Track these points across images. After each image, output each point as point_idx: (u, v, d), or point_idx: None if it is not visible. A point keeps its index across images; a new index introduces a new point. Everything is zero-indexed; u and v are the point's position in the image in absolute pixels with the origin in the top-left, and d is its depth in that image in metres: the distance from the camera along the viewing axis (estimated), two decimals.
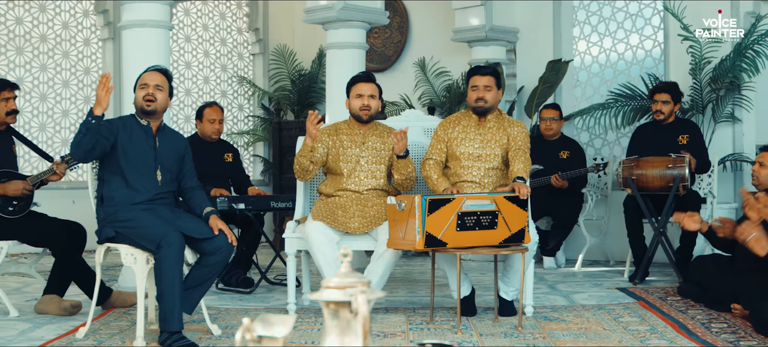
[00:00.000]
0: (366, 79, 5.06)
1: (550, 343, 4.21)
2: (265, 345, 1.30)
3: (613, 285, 6.15)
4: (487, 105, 4.99)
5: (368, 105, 5.01)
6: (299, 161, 4.91)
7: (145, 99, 4.40)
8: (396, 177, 5.01)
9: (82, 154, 4.17)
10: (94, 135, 4.14)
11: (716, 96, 6.91)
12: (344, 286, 1.37)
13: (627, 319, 4.82)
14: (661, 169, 6.13)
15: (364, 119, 5.04)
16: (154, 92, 4.41)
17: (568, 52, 8.04)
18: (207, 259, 4.33)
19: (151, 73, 4.50)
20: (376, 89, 5.06)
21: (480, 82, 5.00)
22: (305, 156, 4.87)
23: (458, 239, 4.49)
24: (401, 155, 4.90)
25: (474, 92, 5.02)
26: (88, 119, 4.13)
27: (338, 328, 1.34)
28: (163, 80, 4.48)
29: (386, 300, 5.58)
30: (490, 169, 4.99)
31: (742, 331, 4.43)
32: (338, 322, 1.35)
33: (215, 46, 9.63)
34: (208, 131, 6.34)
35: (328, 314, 1.39)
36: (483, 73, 5.03)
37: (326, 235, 4.85)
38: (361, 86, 5.03)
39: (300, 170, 4.95)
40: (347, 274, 1.40)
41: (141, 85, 4.44)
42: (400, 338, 4.36)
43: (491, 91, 5.00)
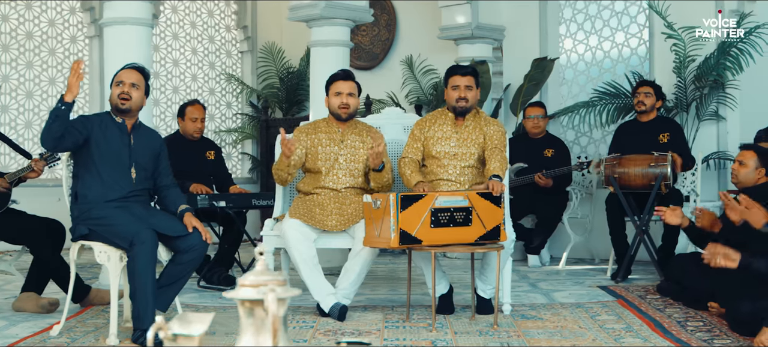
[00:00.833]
0: (345, 78, 5.05)
1: (523, 341, 4.20)
2: (180, 344, 1.29)
3: (594, 283, 6.15)
4: (468, 105, 4.99)
5: (347, 103, 5.00)
6: (277, 173, 4.94)
7: (119, 97, 4.39)
8: (372, 185, 5.01)
9: (51, 142, 4.16)
10: (64, 122, 4.13)
11: (700, 94, 6.91)
12: (258, 284, 1.36)
13: (604, 317, 4.81)
14: (643, 167, 6.13)
15: (343, 117, 5.03)
16: (130, 90, 4.40)
17: (554, 50, 8.04)
18: (181, 257, 4.33)
19: (128, 71, 4.49)
20: (355, 87, 5.05)
21: (461, 82, 4.99)
22: (282, 169, 4.89)
23: (433, 236, 4.49)
24: (377, 169, 4.91)
25: (455, 91, 5.01)
26: (58, 105, 4.13)
27: (253, 326, 1.34)
28: (139, 79, 4.47)
29: (366, 297, 5.58)
30: (466, 167, 4.98)
31: (718, 330, 4.43)
32: (253, 320, 1.34)
33: (203, 44, 9.62)
34: (190, 129, 6.34)
35: (244, 312, 1.39)
36: (464, 73, 5.02)
37: (303, 233, 4.85)
38: (339, 84, 5.02)
39: (280, 181, 4.99)
40: (262, 272, 1.40)
41: (117, 83, 4.44)
42: (375, 336, 4.35)
43: (472, 90, 5.00)
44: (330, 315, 4.79)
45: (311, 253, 4.85)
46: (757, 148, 4.97)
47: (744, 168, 4.92)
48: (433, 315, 4.57)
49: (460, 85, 4.98)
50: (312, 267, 4.85)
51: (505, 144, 5.03)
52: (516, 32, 8.21)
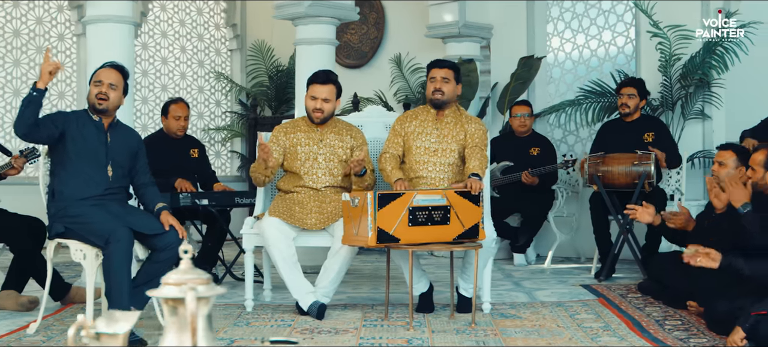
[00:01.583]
0: (324, 82, 4.99)
1: (500, 340, 4.20)
2: (103, 344, 1.29)
3: (578, 281, 6.14)
4: (443, 97, 4.99)
5: (321, 109, 4.98)
6: (254, 176, 4.94)
7: (97, 97, 4.38)
8: (354, 188, 5.01)
9: (24, 128, 4.16)
10: (36, 108, 4.14)
11: (686, 93, 6.90)
12: (180, 283, 1.36)
13: (583, 316, 4.81)
14: (626, 166, 6.13)
15: (316, 122, 5.02)
16: (107, 90, 4.38)
17: (541, 49, 8.03)
18: (158, 255, 4.32)
19: (107, 70, 4.47)
20: (333, 92, 5.01)
21: (438, 74, 5.00)
22: (260, 172, 4.89)
23: (410, 234, 4.48)
24: (358, 174, 4.91)
25: (432, 83, 5.02)
26: (30, 91, 4.15)
27: (177, 325, 1.33)
28: (118, 79, 4.45)
29: (348, 296, 5.57)
30: (446, 164, 4.98)
31: (695, 329, 4.43)
32: (177, 319, 1.33)
33: (192, 42, 9.61)
34: (173, 127, 6.33)
35: (168, 311, 1.38)
36: (441, 66, 5.03)
37: (282, 231, 4.84)
38: (316, 88, 5.00)
39: (256, 181, 5.00)
40: (186, 271, 1.39)
41: (95, 82, 4.43)
42: (352, 334, 4.35)
43: (449, 83, 5.00)
44: (309, 313, 4.79)
45: (290, 251, 4.85)
46: (736, 147, 4.97)
47: (724, 168, 4.92)
48: (410, 314, 4.57)
49: (436, 77, 4.99)
50: (291, 266, 4.84)
51: (486, 143, 5.02)
52: (503, 31, 8.20)
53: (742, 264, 4.14)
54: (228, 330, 4.45)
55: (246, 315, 4.90)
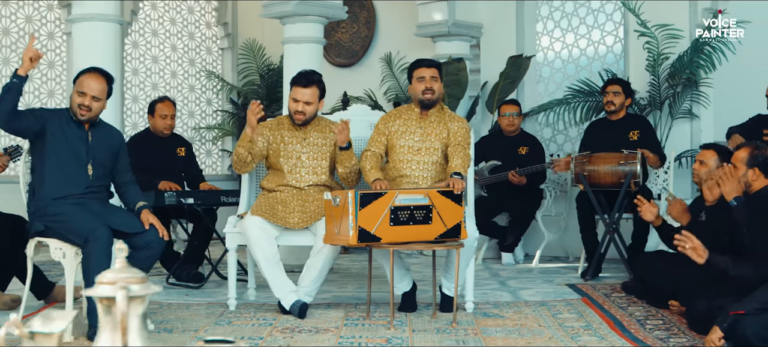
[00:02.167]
0: (306, 84, 4.97)
1: (480, 340, 4.20)
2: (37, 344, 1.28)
3: (564, 281, 6.14)
4: (434, 96, 4.99)
5: (303, 111, 4.97)
6: (238, 152, 4.89)
7: (80, 107, 4.35)
8: (340, 170, 4.99)
9: (2, 115, 4.14)
10: (15, 95, 4.15)
11: (674, 92, 6.90)
12: (114, 281, 1.35)
13: (565, 315, 4.81)
14: (612, 165, 6.13)
15: (298, 123, 5.01)
16: (91, 103, 4.35)
17: (531, 48, 8.03)
18: (138, 254, 4.31)
19: (91, 78, 4.38)
20: (315, 94, 4.99)
21: (427, 73, 4.99)
22: (244, 146, 4.85)
23: (392, 233, 4.47)
24: (343, 147, 4.89)
25: (421, 83, 5.01)
26: (11, 78, 4.15)
27: (110, 324, 1.33)
28: (102, 89, 4.39)
29: (333, 295, 5.57)
30: (429, 163, 4.97)
31: (676, 328, 4.43)
32: (111, 318, 1.33)
33: (183, 41, 9.60)
34: (159, 126, 6.33)
35: (102, 310, 1.38)
36: (428, 65, 5.02)
37: (264, 230, 4.84)
38: (298, 91, 4.98)
39: (238, 162, 4.93)
40: (121, 270, 1.39)
41: (78, 91, 4.36)
42: (332, 333, 4.35)
43: (437, 82, 5.01)
44: (291, 312, 4.79)
45: (272, 250, 4.85)
46: (718, 147, 4.97)
47: (705, 167, 4.92)
48: (391, 313, 4.57)
49: (425, 76, 4.98)
50: (273, 265, 4.84)
51: (469, 142, 5.02)
52: (493, 30, 8.19)
53: (727, 263, 4.14)
54: (208, 329, 4.44)
55: (228, 314, 4.89)
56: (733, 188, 4.27)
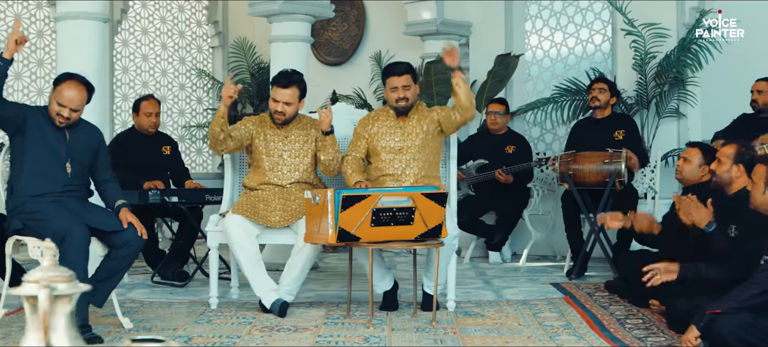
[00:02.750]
0: (285, 85, 4.95)
1: (458, 339, 4.19)
2: None
3: (549, 280, 6.14)
4: (408, 103, 4.99)
5: (282, 111, 4.96)
6: (211, 130, 4.86)
7: (58, 116, 4.31)
8: (322, 158, 4.97)
9: None
10: (1, 78, 4.12)
11: (661, 91, 6.90)
12: (39, 280, 1.35)
13: (546, 314, 4.81)
14: (597, 164, 6.12)
15: (278, 123, 5.01)
16: (70, 114, 4.33)
17: (520, 47, 8.02)
18: (116, 252, 4.32)
19: (72, 88, 4.30)
20: (295, 94, 4.97)
21: (398, 83, 4.97)
22: (217, 124, 4.83)
23: (372, 233, 4.47)
24: (326, 132, 4.88)
25: (394, 92, 5.00)
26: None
27: (36, 323, 1.33)
28: (81, 101, 4.33)
29: (316, 293, 5.57)
30: (411, 160, 4.97)
31: (656, 327, 4.43)
32: (36, 317, 1.33)
33: (173, 39, 9.59)
34: (144, 124, 6.32)
35: (29, 309, 1.37)
36: (399, 73, 4.99)
37: (245, 229, 4.84)
38: (277, 91, 4.97)
39: (212, 140, 4.89)
40: (48, 269, 1.38)
41: (58, 102, 4.29)
42: (310, 332, 4.34)
43: (410, 88, 4.98)
44: (271, 311, 4.78)
45: (253, 249, 4.84)
46: (702, 146, 4.97)
47: (688, 165, 4.92)
48: (370, 312, 4.57)
49: (397, 86, 4.97)
50: (254, 263, 4.84)
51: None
52: (482, 28, 8.19)
53: (700, 267, 4.16)
54: (187, 328, 4.44)
55: (209, 312, 4.89)
56: (704, 216, 4.25)
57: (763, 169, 3.84)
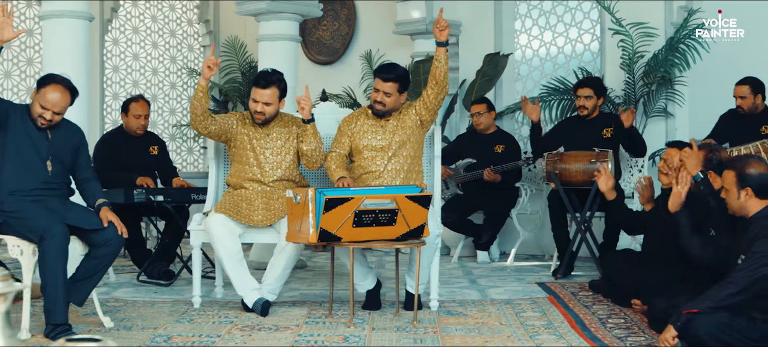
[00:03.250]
0: (264, 85, 4.94)
1: (438, 339, 4.19)
2: None
3: (536, 279, 6.13)
4: (384, 109, 5.00)
5: (262, 112, 4.95)
6: (192, 104, 4.88)
7: (40, 118, 4.30)
8: (305, 149, 4.96)
9: None
10: None
11: (649, 90, 6.89)
12: None
13: (529, 314, 4.80)
14: (584, 163, 6.12)
15: (258, 123, 5.00)
16: (52, 117, 4.31)
17: (509, 46, 8.01)
18: (96, 251, 4.31)
19: (56, 91, 4.29)
20: (274, 95, 4.96)
21: (381, 87, 4.98)
22: (197, 98, 4.84)
23: (353, 233, 4.46)
24: (306, 120, 4.89)
25: (375, 93, 5.01)
26: None
27: None
28: (65, 105, 4.32)
29: (300, 293, 5.56)
30: (393, 157, 4.96)
31: (637, 327, 4.42)
32: None
33: (164, 38, 9.58)
34: (132, 126, 6.32)
35: None
36: (386, 80, 4.98)
37: (228, 228, 4.83)
38: (257, 92, 4.96)
39: (192, 114, 4.91)
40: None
41: (41, 104, 4.28)
42: (291, 332, 4.33)
43: (391, 96, 4.97)
44: (254, 310, 4.78)
45: (235, 248, 4.84)
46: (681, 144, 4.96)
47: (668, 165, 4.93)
48: (351, 311, 4.56)
49: (379, 90, 4.98)
50: (236, 262, 4.83)
51: None
52: (472, 28, 8.18)
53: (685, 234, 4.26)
54: (168, 327, 4.43)
55: (192, 311, 4.88)
56: (695, 164, 4.31)
57: (732, 174, 3.84)
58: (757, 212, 3.78)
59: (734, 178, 3.81)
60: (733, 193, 3.82)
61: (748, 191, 3.78)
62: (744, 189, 3.79)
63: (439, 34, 4.86)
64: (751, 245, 3.68)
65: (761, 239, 3.66)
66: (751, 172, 3.80)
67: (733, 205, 3.85)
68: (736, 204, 3.83)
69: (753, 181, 3.78)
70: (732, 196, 3.83)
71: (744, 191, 3.79)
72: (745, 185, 3.79)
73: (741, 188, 3.79)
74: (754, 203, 3.79)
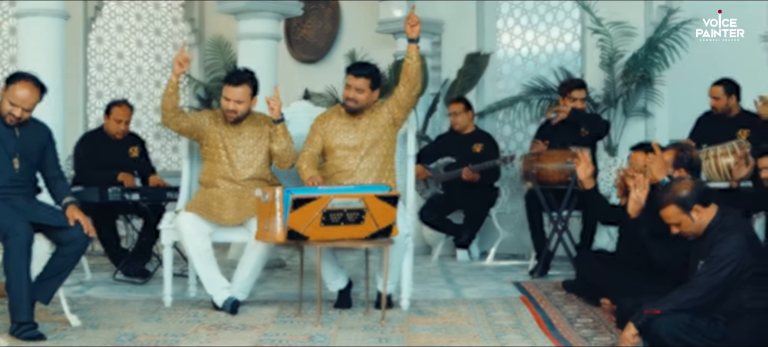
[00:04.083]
0: (236, 83, 4.94)
1: (403, 338, 4.18)
2: None
3: (512, 279, 6.12)
4: (356, 106, 4.99)
5: (234, 110, 4.95)
6: (163, 100, 4.88)
7: (9, 115, 4.29)
8: (275, 149, 4.96)
9: None
10: None
11: (628, 90, 6.89)
12: None
13: (499, 313, 4.80)
14: (560, 163, 6.12)
15: (230, 121, 5.00)
16: (21, 114, 4.31)
17: (491, 45, 8.00)
18: (63, 249, 4.31)
19: (24, 88, 4.29)
20: (246, 93, 4.96)
21: (353, 84, 4.98)
22: (167, 94, 4.85)
23: (321, 233, 4.46)
24: (276, 120, 4.88)
25: (347, 90, 5.01)
26: None
27: None
28: (34, 102, 4.32)
29: (275, 292, 5.55)
30: (365, 157, 4.96)
31: (604, 327, 4.42)
32: None
33: (148, 36, 9.57)
34: (112, 129, 6.32)
35: None
36: (356, 75, 4.99)
37: (197, 226, 4.82)
38: (228, 90, 4.96)
39: (162, 110, 4.93)
40: None
41: (10, 101, 4.28)
42: (258, 331, 4.33)
43: (363, 93, 4.97)
44: (223, 309, 4.77)
45: (205, 247, 4.83)
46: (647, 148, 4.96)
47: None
48: (318, 310, 4.56)
49: (351, 86, 4.97)
50: (206, 261, 4.83)
51: None
52: (454, 27, 8.16)
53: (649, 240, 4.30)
54: (135, 326, 4.43)
55: (162, 310, 4.87)
56: (660, 169, 4.31)
57: (672, 207, 3.82)
58: (712, 220, 3.78)
59: (676, 208, 3.81)
60: (685, 221, 3.81)
61: (696, 209, 3.78)
62: (692, 209, 3.78)
63: (410, 31, 4.86)
64: (709, 250, 3.69)
65: (718, 243, 3.67)
66: (685, 192, 3.82)
67: (692, 229, 3.82)
68: (694, 227, 3.81)
69: (693, 197, 3.80)
70: (686, 224, 3.82)
71: (693, 211, 3.79)
72: (691, 205, 3.79)
73: (688, 210, 3.78)
74: (706, 213, 3.79)
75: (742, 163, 5.51)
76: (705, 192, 3.85)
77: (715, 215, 3.78)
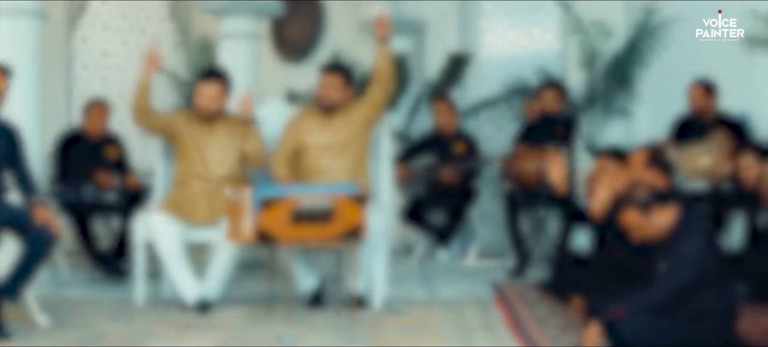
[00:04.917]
0: (208, 80, 4.98)
1: (370, 339, 4.18)
2: None
3: (492, 279, 6.10)
4: (330, 102, 5.00)
5: (207, 107, 4.97)
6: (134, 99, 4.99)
7: None
8: (247, 149, 5.00)
9: None
10: None
11: (608, 90, 6.88)
12: None
13: (470, 313, 4.80)
14: (537, 163, 6.10)
15: (202, 118, 5.00)
16: None
17: (474, 45, 7.99)
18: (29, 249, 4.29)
19: None
20: (219, 90, 4.99)
21: (327, 81, 5.02)
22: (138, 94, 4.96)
23: (291, 232, 4.46)
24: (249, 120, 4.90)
25: (321, 88, 5.03)
26: None
27: None
28: None
29: (249, 291, 5.53)
30: (339, 156, 4.97)
31: (574, 327, 4.41)
32: None
33: (133, 36, 9.55)
34: (89, 129, 6.31)
35: None
36: (332, 74, 5.01)
37: (169, 226, 4.82)
38: (201, 87, 5.00)
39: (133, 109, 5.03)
40: None
41: None
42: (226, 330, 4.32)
43: (337, 91, 4.99)
44: (193, 308, 4.76)
45: (177, 246, 4.83)
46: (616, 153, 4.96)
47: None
48: (288, 309, 4.56)
49: (325, 84, 5.00)
50: (177, 261, 4.83)
51: None
52: (437, 26, 8.14)
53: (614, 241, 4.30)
54: (104, 326, 4.42)
55: (133, 310, 4.86)
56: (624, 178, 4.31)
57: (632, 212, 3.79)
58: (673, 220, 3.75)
59: (636, 212, 3.77)
60: (647, 224, 3.77)
61: (655, 210, 3.74)
62: (651, 209, 3.75)
63: (379, 31, 4.86)
64: (671, 251, 3.68)
65: (680, 244, 3.66)
66: (641, 193, 3.78)
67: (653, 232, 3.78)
68: (656, 228, 3.77)
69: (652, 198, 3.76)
70: (649, 226, 3.77)
71: (653, 212, 3.75)
72: (649, 206, 3.75)
73: (648, 212, 3.75)
74: (667, 213, 3.75)
75: (724, 162, 5.51)
76: (663, 192, 3.82)
77: (676, 215, 3.75)
